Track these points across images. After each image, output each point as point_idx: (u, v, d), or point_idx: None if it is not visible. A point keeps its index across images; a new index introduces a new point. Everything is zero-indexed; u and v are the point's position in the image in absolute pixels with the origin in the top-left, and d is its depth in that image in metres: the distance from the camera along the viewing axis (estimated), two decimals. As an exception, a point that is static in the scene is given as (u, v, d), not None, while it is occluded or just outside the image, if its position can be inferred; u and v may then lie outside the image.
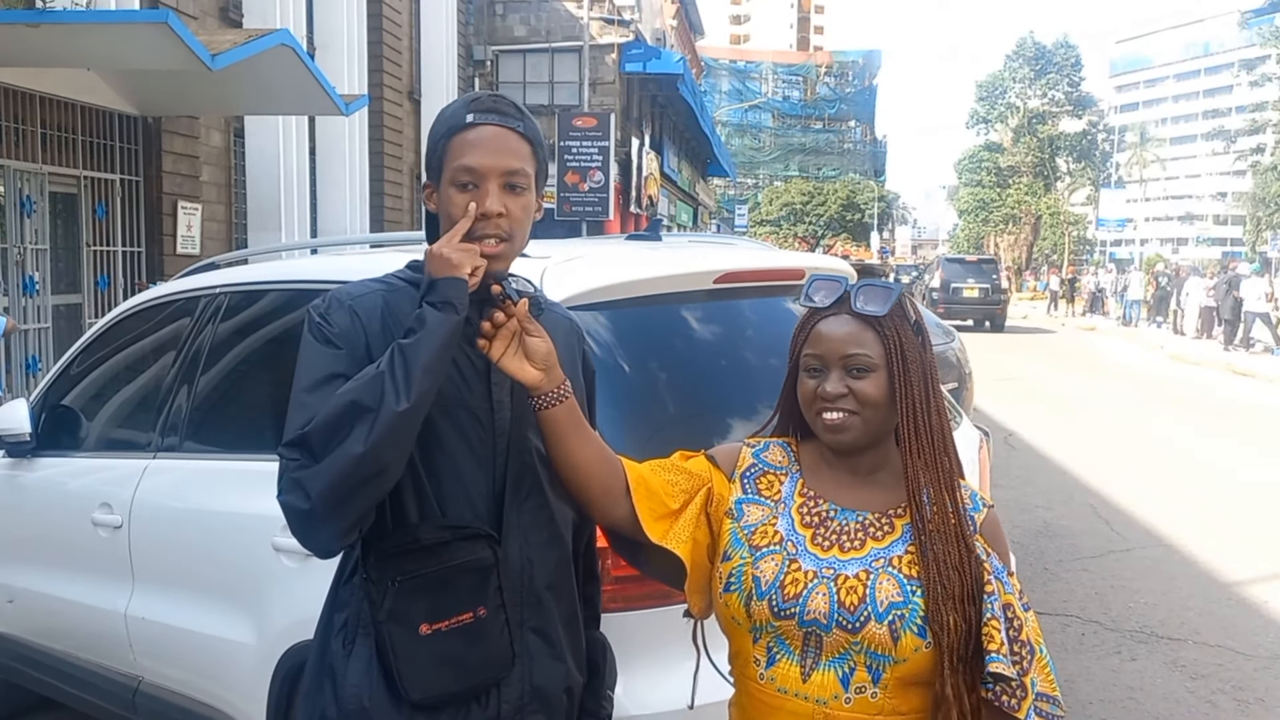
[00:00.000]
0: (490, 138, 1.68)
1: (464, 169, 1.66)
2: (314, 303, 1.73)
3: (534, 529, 1.75)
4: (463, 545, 1.66)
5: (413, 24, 18.17)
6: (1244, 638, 5.20)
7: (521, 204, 1.70)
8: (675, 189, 33.97)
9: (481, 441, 1.70)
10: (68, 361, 3.94)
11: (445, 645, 1.64)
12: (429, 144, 1.74)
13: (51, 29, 7.52)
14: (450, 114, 1.72)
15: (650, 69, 24.58)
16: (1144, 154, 73.53)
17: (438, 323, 1.57)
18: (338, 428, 1.54)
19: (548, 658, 1.77)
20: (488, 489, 1.71)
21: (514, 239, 1.69)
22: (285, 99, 10.63)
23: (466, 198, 1.66)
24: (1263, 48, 56.20)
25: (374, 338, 1.66)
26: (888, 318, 1.62)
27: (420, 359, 1.55)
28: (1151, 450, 10.39)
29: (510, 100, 1.75)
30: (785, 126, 74.95)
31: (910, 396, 1.61)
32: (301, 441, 1.56)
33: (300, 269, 3.36)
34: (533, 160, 1.72)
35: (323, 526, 1.58)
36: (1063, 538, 7.01)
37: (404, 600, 1.63)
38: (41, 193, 9.45)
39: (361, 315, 1.68)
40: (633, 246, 3.43)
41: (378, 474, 1.55)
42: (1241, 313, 21.16)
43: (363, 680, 1.66)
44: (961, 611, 1.53)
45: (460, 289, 1.59)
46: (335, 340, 1.65)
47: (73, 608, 3.51)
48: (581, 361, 1.92)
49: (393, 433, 1.53)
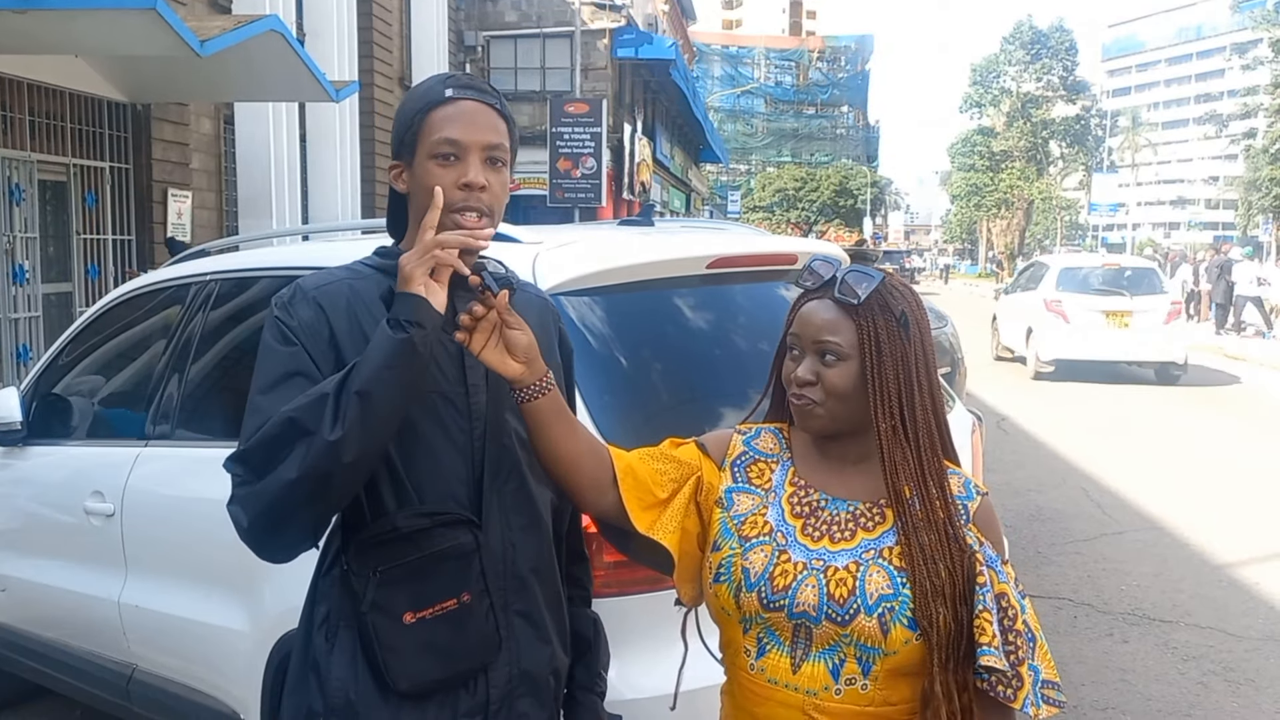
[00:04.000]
0: (471, 111, 1.66)
1: (446, 140, 1.63)
2: (278, 294, 1.69)
3: (514, 512, 1.73)
4: (443, 532, 1.64)
5: (403, 9, 18.07)
6: (1235, 619, 5.23)
7: (501, 180, 1.68)
8: (668, 175, 33.90)
9: (458, 427, 1.68)
10: (58, 350, 3.93)
11: (431, 633, 1.62)
12: (400, 120, 1.70)
13: (39, 15, 7.45)
14: (425, 90, 1.69)
15: (642, 54, 24.49)
16: (1136, 138, 73.57)
17: (380, 340, 1.52)
18: (276, 448, 1.51)
19: (534, 640, 1.75)
20: (466, 474, 1.69)
21: (494, 214, 1.67)
22: (275, 85, 10.56)
23: (448, 171, 1.63)
24: (1255, 31, 56.03)
25: (340, 330, 1.64)
26: (864, 306, 1.58)
27: (357, 381, 1.50)
28: (1143, 433, 10.42)
29: (483, 79, 1.75)
30: (778, 112, 74.82)
31: (883, 389, 1.57)
32: (244, 458, 1.54)
33: (291, 256, 3.35)
34: (509, 138, 1.71)
35: (263, 545, 1.60)
36: (1055, 521, 7.04)
37: (386, 590, 1.61)
38: (31, 181, 9.40)
39: (325, 306, 1.65)
40: (625, 232, 3.42)
41: (314, 499, 1.52)
42: (1234, 297, 21.21)
43: (347, 673, 1.65)
44: (951, 609, 1.52)
45: (409, 305, 1.52)
46: (292, 336, 1.62)
47: (66, 596, 3.51)
48: (559, 342, 1.89)
49: (326, 461, 1.48)
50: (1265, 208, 50.19)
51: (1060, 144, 66.95)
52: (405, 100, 1.72)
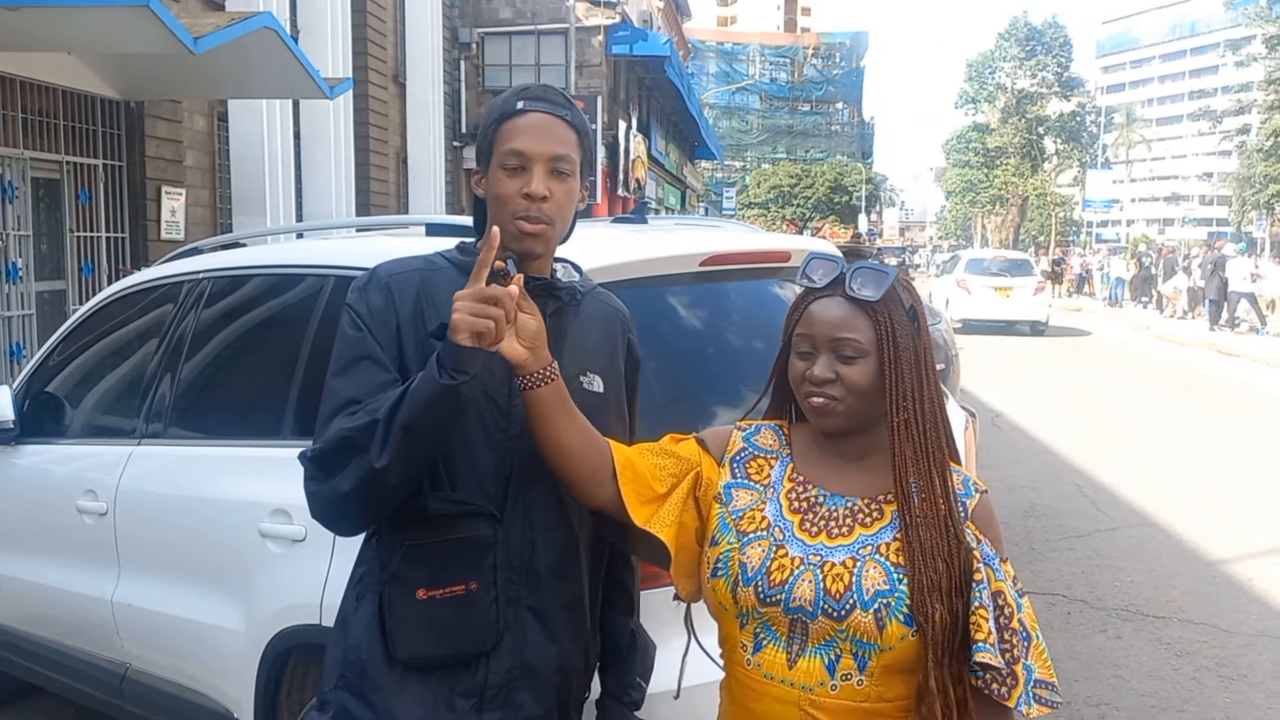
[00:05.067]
0: (538, 123, 1.74)
1: (512, 152, 1.73)
2: (356, 278, 1.81)
3: (540, 512, 1.80)
4: (466, 521, 1.73)
5: (397, 6, 18.03)
6: (1228, 615, 5.24)
7: (566, 189, 1.76)
8: (663, 172, 33.87)
9: (496, 425, 1.76)
10: (51, 348, 3.91)
11: (435, 612, 1.72)
12: (480, 131, 1.82)
13: (32, 12, 7.43)
14: (502, 102, 1.79)
15: (637, 51, 24.44)
16: (1130, 134, 73.59)
17: (425, 383, 1.59)
18: (334, 461, 1.66)
19: (541, 636, 1.80)
20: (497, 471, 1.76)
21: (555, 223, 1.76)
22: (269, 82, 10.54)
23: (514, 180, 1.72)
24: (1248, 28, 56.15)
25: (404, 318, 1.74)
26: (881, 303, 1.59)
27: (402, 416, 1.60)
28: (1137, 430, 10.44)
29: (560, 90, 1.83)
30: (773, 108, 74.82)
31: (900, 385, 1.58)
32: (313, 458, 1.70)
33: (285, 253, 3.35)
34: (578, 148, 1.78)
35: (332, 528, 1.81)
36: (1049, 517, 7.05)
37: (408, 564, 1.72)
38: (24, 178, 9.36)
39: (395, 294, 1.76)
40: (619, 229, 3.41)
41: (365, 506, 1.69)
42: (1227, 293, 21.25)
43: (365, 634, 1.76)
44: (948, 604, 1.52)
45: (460, 357, 1.56)
46: (360, 322, 1.74)
47: (59, 595, 3.50)
48: (625, 351, 1.97)
49: (372, 483, 1.63)
50: (1259, 204, 50.35)
51: (1055, 140, 67.09)
52: (488, 111, 1.83)
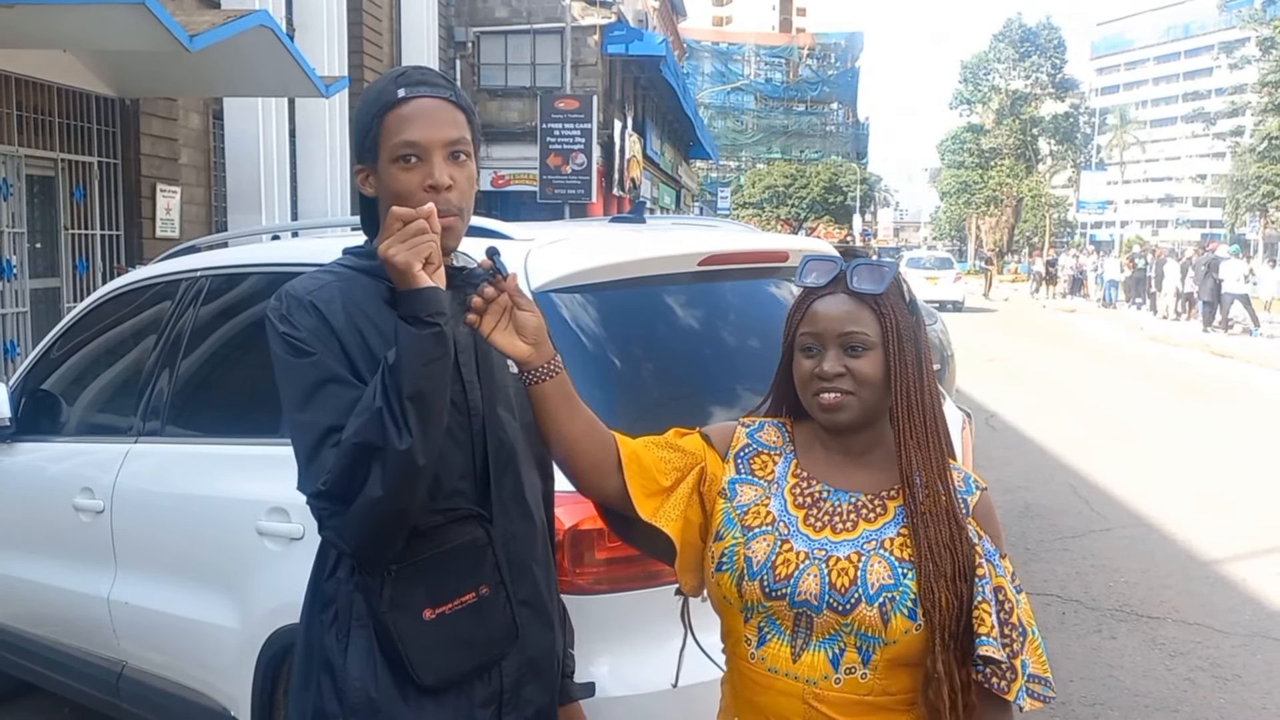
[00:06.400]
0: (426, 109, 1.65)
1: (405, 144, 1.63)
2: (270, 306, 1.66)
3: (512, 503, 1.76)
4: (455, 527, 1.67)
5: (393, 5, 18.01)
6: (1222, 615, 5.26)
7: (466, 173, 1.68)
8: (658, 171, 33.87)
9: (458, 423, 1.67)
10: (47, 346, 3.91)
11: (452, 627, 1.65)
12: (358, 125, 1.70)
13: (27, 10, 7.41)
14: (379, 91, 1.68)
15: (633, 50, 24.42)
16: (1124, 136, 73.68)
17: (410, 341, 1.52)
18: (353, 475, 1.53)
19: (540, 628, 1.79)
20: (469, 469, 1.70)
21: (464, 211, 1.68)
22: (264, 81, 10.52)
23: (412, 174, 1.63)
24: (1242, 30, 56.35)
25: (341, 331, 1.62)
26: (884, 296, 1.62)
27: (406, 387, 1.51)
28: (1131, 431, 10.47)
29: (435, 70, 1.73)
30: (768, 108, 74.80)
31: (905, 376, 1.61)
32: (324, 494, 1.55)
33: (281, 251, 3.35)
34: (469, 128, 1.69)
35: (372, 561, 1.62)
36: (1044, 518, 7.07)
37: (403, 587, 1.63)
38: (18, 175, 9.34)
39: (324, 309, 1.63)
40: (616, 229, 3.42)
41: (405, 509, 1.56)
42: (1221, 294, 21.31)
43: (365, 672, 1.65)
44: (954, 589, 1.54)
45: (422, 299, 1.52)
46: (304, 345, 1.60)
47: (55, 593, 3.49)
48: None
49: (404, 469, 1.52)
50: (1252, 205, 50.46)
51: (1049, 141, 67.12)
52: (361, 103, 1.72)
